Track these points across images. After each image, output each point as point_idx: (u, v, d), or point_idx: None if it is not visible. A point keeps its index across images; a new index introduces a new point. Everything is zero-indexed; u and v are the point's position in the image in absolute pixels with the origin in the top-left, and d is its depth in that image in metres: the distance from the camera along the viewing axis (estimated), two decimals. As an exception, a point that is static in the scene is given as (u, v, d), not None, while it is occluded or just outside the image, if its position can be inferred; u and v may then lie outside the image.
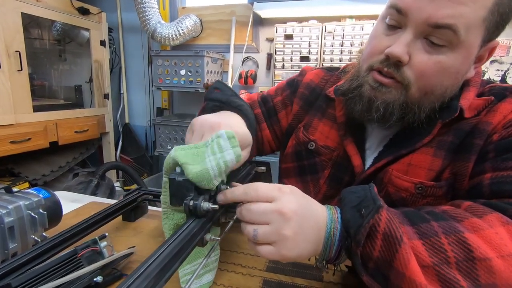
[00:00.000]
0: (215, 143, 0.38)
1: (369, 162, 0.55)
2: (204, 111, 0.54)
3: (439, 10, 0.40)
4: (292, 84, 0.69)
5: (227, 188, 0.39)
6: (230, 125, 0.43)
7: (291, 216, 0.34)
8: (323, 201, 0.41)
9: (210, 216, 0.38)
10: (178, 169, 0.38)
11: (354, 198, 0.36)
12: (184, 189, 0.36)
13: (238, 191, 0.37)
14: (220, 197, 0.39)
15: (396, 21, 0.45)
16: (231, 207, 0.41)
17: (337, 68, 0.68)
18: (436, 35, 0.42)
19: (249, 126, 0.50)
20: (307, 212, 0.36)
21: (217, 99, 0.54)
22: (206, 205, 0.36)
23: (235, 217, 0.41)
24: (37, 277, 0.36)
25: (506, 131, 0.45)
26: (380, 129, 0.55)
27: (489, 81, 0.53)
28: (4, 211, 0.45)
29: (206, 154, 0.37)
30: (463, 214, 0.36)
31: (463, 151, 0.47)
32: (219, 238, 0.37)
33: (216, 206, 0.36)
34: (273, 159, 0.76)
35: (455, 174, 0.48)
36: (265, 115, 0.69)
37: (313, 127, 0.62)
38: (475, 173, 0.45)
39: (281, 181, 0.68)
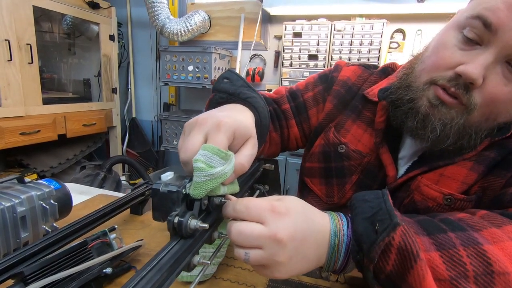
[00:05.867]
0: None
1: (401, 171, 0.52)
2: (211, 103, 0.49)
3: None
4: (326, 80, 0.64)
5: (221, 201, 0.35)
6: (232, 118, 0.36)
7: (286, 242, 0.31)
8: (347, 207, 0.39)
9: (198, 237, 0.32)
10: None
11: (367, 208, 0.33)
12: (169, 202, 0.30)
13: (227, 208, 0.34)
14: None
15: (478, 35, 0.39)
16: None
17: (375, 66, 0.64)
18: None
19: (259, 121, 0.44)
20: (305, 233, 0.32)
21: (225, 90, 0.47)
22: (193, 223, 0.30)
23: None
24: (49, 266, 0.37)
25: None
26: (419, 141, 0.50)
27: None
28: (16, 201, 0.46)
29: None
30: (481, 223, 0.34)
31: (501, 167, 0.45)
32: (209, 262, 0.32)
33: (206, 225, 0.31)
34: (280, 157, 0.76)
35: (484, 188, 0.45)
36: (294, 111, 0.64)
37: (345, 128, 0.58)
38: (504, 186, 0.43)
39: (303, 179, 0.65)
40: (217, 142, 0.33)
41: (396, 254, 0.30)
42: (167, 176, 0.34)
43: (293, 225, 0.32)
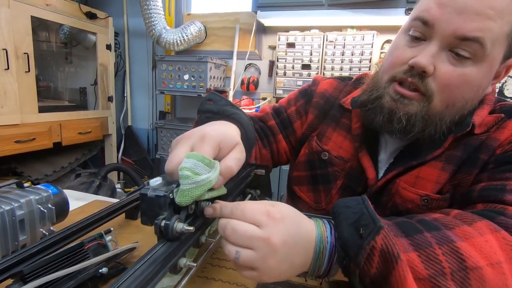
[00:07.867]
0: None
1: (381, 173, 0.55)
2: (197, 124, 0.50)
3: (467, 23, 0.41)
4: (306, 94, 0.69)
5: (209, 205, 0.36)
6: (216, 130, 0.38)
7: (279, 247, 0.32)
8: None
9: (184, 240, 0.33)
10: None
11: (350, 214, 0.34)
12: (156, 207, 0.31)
13: (226, 209, 0.35)
14: (209, 211, 0.36)
15: (421, 33, 0.45)
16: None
17: (349, 78, 0.68)
18: (462, 47, 0.42)
19: (245, 134, 0.47)
20: (295, 239, 0.33)
21: (209, 110, 0.50)
22: (180, 226, 0.31)
23: (217, 238, 0.39)
24: (48, 265, 0.39)
25: (510, 146, 0.46)
26: (393, 142, 0.55)
27: (500, 99, 0.54)
28: (16, 205, 0.47)
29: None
30: (454, 221, 0.36)
31: (468, 164, 0.48)
32: (196, 265, 0.33)
33: (192, 228, 0.31)
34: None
35: (455, 186, 0.49)
36: (280, 127, 0.68)
37: (327, 136, 0.62)
38: (472, 183, 0.47)
39: (291, 188, 0.68)
40: (202, 151, 0.34)
41: (379, 256, 0.31)
42: (156, 181, 0.33)
43: (286, 231, 0.33)
